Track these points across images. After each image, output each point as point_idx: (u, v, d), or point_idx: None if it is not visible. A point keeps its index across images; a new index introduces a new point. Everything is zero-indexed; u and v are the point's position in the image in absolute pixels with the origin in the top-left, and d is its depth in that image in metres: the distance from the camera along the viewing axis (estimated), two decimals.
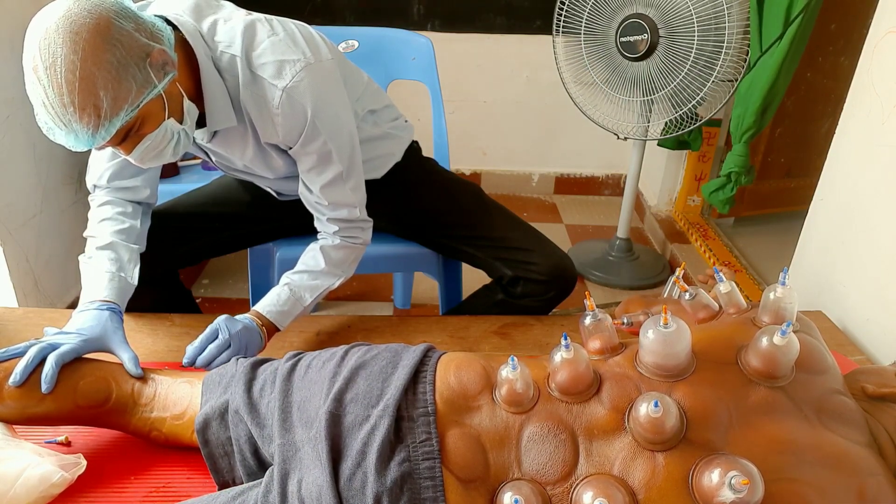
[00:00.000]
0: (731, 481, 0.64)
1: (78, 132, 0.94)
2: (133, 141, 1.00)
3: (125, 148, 1.01)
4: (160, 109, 1.00)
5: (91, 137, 0.94)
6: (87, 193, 2.04)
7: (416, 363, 0.83)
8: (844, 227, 1.47)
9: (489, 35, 2.87)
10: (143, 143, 1.01)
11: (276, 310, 1.19)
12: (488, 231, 1.43)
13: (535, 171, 3.19)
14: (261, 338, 1.15)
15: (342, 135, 1.19)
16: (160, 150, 1.04)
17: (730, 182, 2.04)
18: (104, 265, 1.15)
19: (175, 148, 1.05)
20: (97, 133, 0.94)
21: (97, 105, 0.91)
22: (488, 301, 1.47)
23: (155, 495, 0.93)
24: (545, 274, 1.37)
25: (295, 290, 1.22)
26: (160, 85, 0.97)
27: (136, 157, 1.03)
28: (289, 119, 1.11)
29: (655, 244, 2.79)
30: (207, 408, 0.91)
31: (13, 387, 0.92)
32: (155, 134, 1.01)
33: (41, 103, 0.94)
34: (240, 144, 1.19)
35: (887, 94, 1.33)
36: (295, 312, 1.22)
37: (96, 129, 0.93)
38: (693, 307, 0.93)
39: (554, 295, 1.39)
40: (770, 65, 1.84)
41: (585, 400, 0.77)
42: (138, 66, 0.94)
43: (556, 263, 1.38)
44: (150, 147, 1.02)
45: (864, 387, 0.82)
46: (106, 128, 0.94)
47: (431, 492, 0.73)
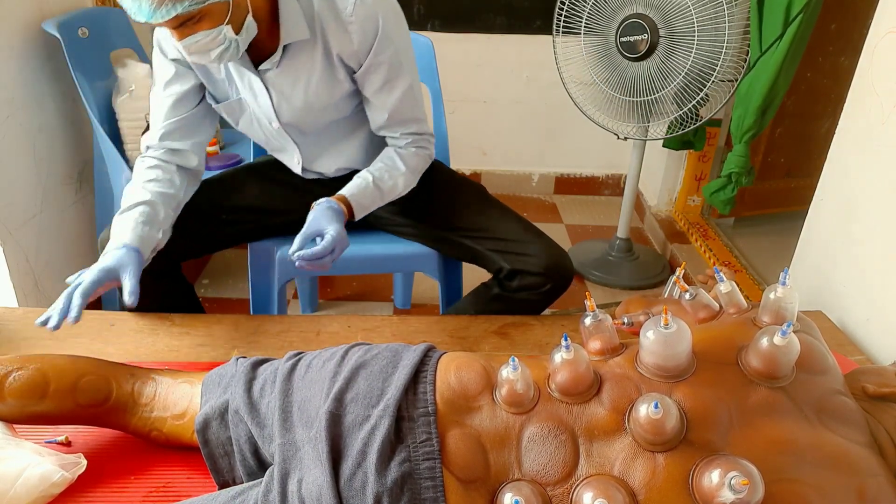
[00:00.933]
0: (731, 482, 0.64)
1: (143, 2, 1.03)
2: (187, 30, 1.10)
3: (179, 33, 1.10)
4: (222, 14, 1.10)
5: (151, 12, 1.03)
6: (87, 193, 2.05)
7: (416, 363, 0.83)
8: (844, 227, 1.47)
9: (489, 35, 2.87)
10: (196, 36, 1.10)
11: (357, 201, 1.30)
12: (485, 223, 1.44)
13: (535, 171, 3.19)
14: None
15: (408, 46, 1.33)
16: (208, 49, 1.14)
17: (730, 183, 2.04)
18: (135, 217, 1.20)
19: (222, 54, 1.15)
20: (158, 10, 1.03)
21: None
22: (485, 296, 1.47)
23: (155, 495, 0.93)
24: (541, 266, 1.37)
25: (378, 184, 1.32)
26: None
27: (183, 45, 1.12)
28: (362, 26, 1.22)
29: (655, 244, 2.79)
30: (207, 408, 0.91)
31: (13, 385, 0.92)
32: (208, 33, 1.10)
33: None
34: (307, 64, 1.27)
35: (887, 94, 1.33)
36: (371, 208, 1.33)
37: (159, 6, 1.03)
38: (693, 307, 0.92)
39: (550, 288, 1.39)
40: (770, 65, 1.84)
41: (586, 400, 0.77)
42: None
43: (552, 256, 1.39)
44: (200, 43, 1.11)
45: (865, 387, 0.82)
46: (167, 9, 1.03)
47: (432, 492, 0.73)
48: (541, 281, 1.38)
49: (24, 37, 1.71)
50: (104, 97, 1.86)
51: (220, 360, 1.21)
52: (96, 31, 1.86)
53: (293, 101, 1.33)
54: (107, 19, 1.97)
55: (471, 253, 1.46)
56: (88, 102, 1.78)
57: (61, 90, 1.87)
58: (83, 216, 2.02)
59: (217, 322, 1.35)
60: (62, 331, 1.29)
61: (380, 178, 1.33)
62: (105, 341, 1.28)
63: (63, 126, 1.91)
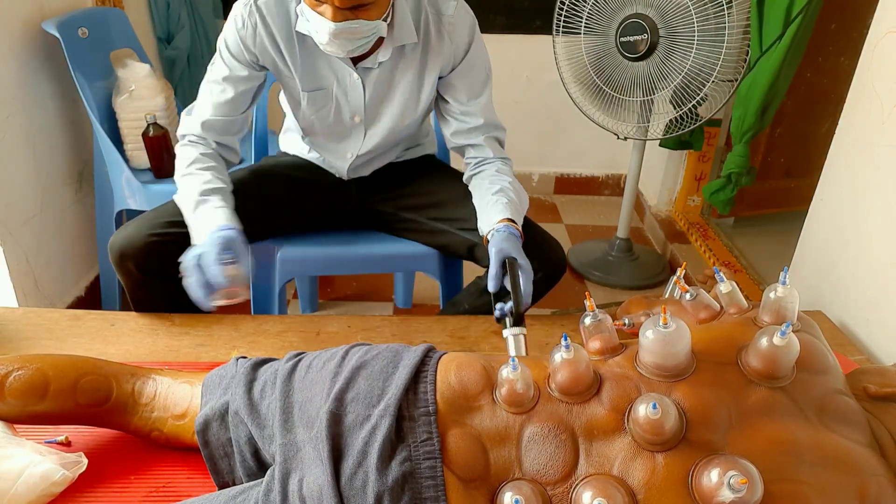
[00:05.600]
0: (730, 481, 0.64)
1: None
2: (350, 15, 1.11)
3: (339, 15, 1.11)
4: (385, 8, 1.15)
5: None
6: (87, 193, 2.05)
7: (416, 363, 0.83)
8: (844, 227, 1.47)
9: (489, 35, 2.85)
10: (355, 22, 1.12)
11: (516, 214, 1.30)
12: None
13: (535, 171, 3.19)
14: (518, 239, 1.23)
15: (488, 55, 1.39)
16: (356, 38, 1.15)
17: (730, 183, 2.04)
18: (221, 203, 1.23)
19: (360, 47, 1.18)
20: None
21: None
22: (479, 288, 1.48)
23: (155, 495, 0.93)
24: (532, 255, 1.37)
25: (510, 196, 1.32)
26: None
27: (338, 27, 1.12)
28: (460, 27, 1.29)
29: (655, 244, 2.79)
30: (207, 409, 0.91)
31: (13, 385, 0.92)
32: (368, 23, 1.13)
33: None
34: (405, 67, 1.32)
35: (887, 94, 1.33)
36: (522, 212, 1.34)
37: None
38: (694, 307, 0.92)
39: (542, 277, 1.38)
40: (770, 65, 1.84)
41: (585, 400, 0.77)
42: None
43: (542, 245, 1.40)
44: (356, 30, 1.13)
45: (866, 387, 0.82)
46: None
47: (433, 491, 0.73)
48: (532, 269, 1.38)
49: (24, 37, 1.71)
50: (104, 97, 1.87)
51: (220, 360, 1.21)
52: (96, 31, 1.87)
53: (384, 100, 1.36)
54: (107, 19, 1.97)
55: (467, 244, 1.46)
56: (88, 102, 1.78)
57: (61, 90, 1.87)
58: (83, 216, 2.02)
59: (217, 322, 1.35)
60: (62, 331, 1.30)
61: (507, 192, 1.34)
62: (105, 341, 1.28)
63: (63, 126, 1.91)
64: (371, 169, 1.53)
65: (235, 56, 1.29)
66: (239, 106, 1.33)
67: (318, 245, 1.56)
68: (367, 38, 1.16)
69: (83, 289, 2.03)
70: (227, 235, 1.14)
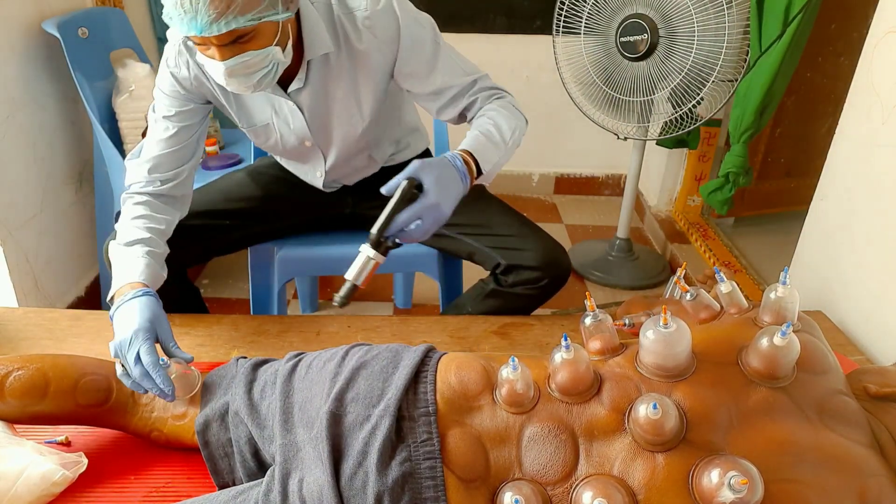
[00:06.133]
0: (731, 481, 0.64)
1: (199, 14, 0.98)
2: (235, 49, 1.06)
3: (224, 53, 1.06)
4: (272, 35, 1.07)
5: (208, 25, 0.99)
6: (87, 193, 2.05)
7: (416, 363, 0.83)
8: (844, 227, 1.47)
9: (489, 35, 2.86)
10: (243, 56, 1.06)
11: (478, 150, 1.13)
12: (483, 219, 1.45)
13: (535, 171, 3.19)
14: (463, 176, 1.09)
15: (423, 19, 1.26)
16: (252, 71, 1.09)
17: (728, 183, 2.04)
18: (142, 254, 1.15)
19: (262, 79, 1.12)
20: (216, 22, 0.99)
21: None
22: (482, 292, 1.47)
23: (155, 495, 0.93)
24: (537, 261, 1.37)
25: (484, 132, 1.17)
26: (282, 15, 1.05)
27: (229, 66, 1.07)
28: (380, 18, 1.20)
29: (655, 244, 2.79)
30: (208, 409, 0.91)
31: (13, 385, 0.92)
32: (258, 53, 1.07)
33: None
34: (335, 75, 1.25)
35: (887, 94, 1.33)
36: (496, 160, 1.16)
37: (217, 19, 0.98)
38: (694, 307, 0.92)
39: (547, 283, 1.38)
40: (768, 65, 1.84)
41: (586, 400, 0.77)
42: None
43: (547, 250, 1.39)
44: (247, 63, 1.07)
45: (867, 387, 0.82)
46: (227, 21, 0.99)
47: (432, 491, 0.73)
48: (537, 276, 1.38)
49: (24, 37, 1.71)
50: (104, 97, 1.86)
51: (220, 360, 1.21)
52: (96, 31, 1.86)
53: (326, 117, 1.32)
54: (107, 19, 1.97)
55: (468, 249, 1.46)
56: (88, 102, 1.78)
57: (61, 90, 1.87)
58: (83, 216, 2.02)
59: (217, 322, 1.35)
60: (62, 331, 1.30)
61: (483, 126, 1.18)
62: (105, 341, 1.26)
63: (63, 126, 1.91)
64: (356, 179, 1.49)
65: (171, 95, 1.26)
66: (184, 138, 1.28)
67: (317, 245, 1.56)
68: (266, 67, 1.10)
69: (83, 289, 2.03)
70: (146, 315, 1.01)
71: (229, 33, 1.01)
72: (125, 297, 1.05)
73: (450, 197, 1.06)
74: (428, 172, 1.04)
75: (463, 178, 1.09)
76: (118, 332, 1.00)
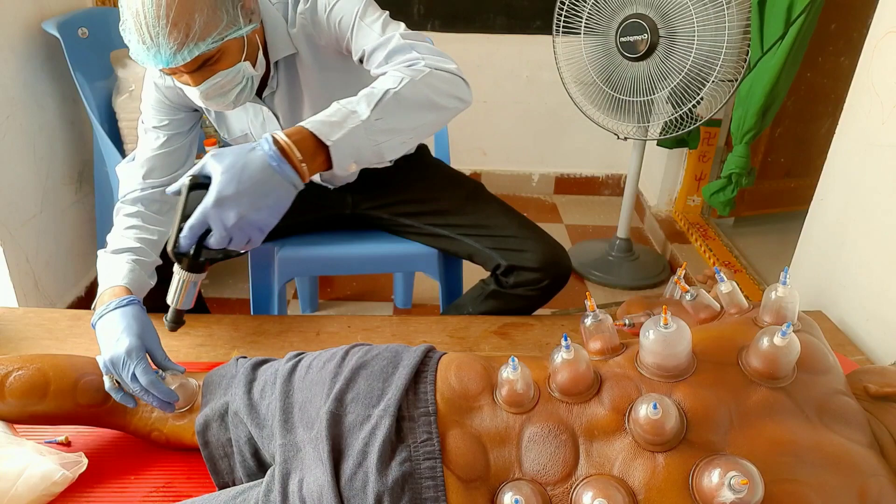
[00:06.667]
0: (731, 482, 0.64)
1: (162, 47, 0.97)
2: (205, 73, 1.05)
3: (195, 78, 1.05)
4: (239, 51, 1.07)
5: (172, 56, 0.98)
6: (87, 193, 2.05)
7: (416, 363, 0.83)
8: (844, 227, 1.47)
9: (489, 35, 2.87)
10: (215, 78, 1.06)
11: (319, 119, 0.93)
12: (483, 220, 1.44)
13: (535, 171, 3.19)
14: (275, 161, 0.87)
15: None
16: (227, 90, 1.09)
17: (730, 184, 2.04)
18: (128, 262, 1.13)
19: (239, 94, 1.11)
20: (180, 52, 0.98)
21: (189, 24, 0.96)
22: (483, 293, 1.48)
23: (155, 495, 0.93)
24: (538, 262, 1.37)
25: (344, 103, 0.96)
26: (245, 28, 1.04)
27: (203, 90, 1.07)
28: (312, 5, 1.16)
29: (655, 244, 2.79)
30: (207, 409, 0.91)
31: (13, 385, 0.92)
32: (228, 72, 1.07)
33: (134, 12, 0.97)
34: (303, 73, 1.23)
35: (887, 94, 1.33)
36: (349, 125, 0.92)
37: (180, 48, 0.98)
38: (695, 308, 0.92)
39: (548, 284, 1.38)
40: (771, 66, 1.84)
41: (586, 400, 0.77)
42: (232, 3, 1.02)
43: (548, 251, 1.38)
44: (220, 83, 1.07)
45: (867, 386, 0.82)
46: (190, 49, 0.98)
47: (433, 491, 0.73)
48: (538, 277, 1.38)
49: (24, 37, 1.71)
50: (104, 97, 1.86)
51: (220, 360, 1.21)
52: (96, 31, 1.86)
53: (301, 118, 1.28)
54: (107, 19, 1.97)
55: (468, 250, 1.46)
56: (88, 102, 1.78)
57: (61, 90, 1.87)
58: (83, 216, 2.02)
59: (217, 322, 1.35)
60: (62, 331, 1.30)
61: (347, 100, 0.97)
62: None
63: (63, 126, 1.91)
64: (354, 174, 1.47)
65: (157, 107, 1.25)
66: (175, 143, 1.27)
67: (317, 245, 1.56)
68: (240, 83, 1.10)
69: (83, 289, 2.03)
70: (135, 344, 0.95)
71: (195, 60, 1.01)
72: (108, 305, 1.02)
73: (248, 193, 0.85)
74: (214, 165, 0.86)
75: (276, 164, 0.87)
76: (106, 347, 0.96)
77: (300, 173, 0.90)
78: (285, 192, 0.90)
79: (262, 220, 0.89)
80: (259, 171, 0.87)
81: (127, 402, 0.95)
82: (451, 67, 1.05)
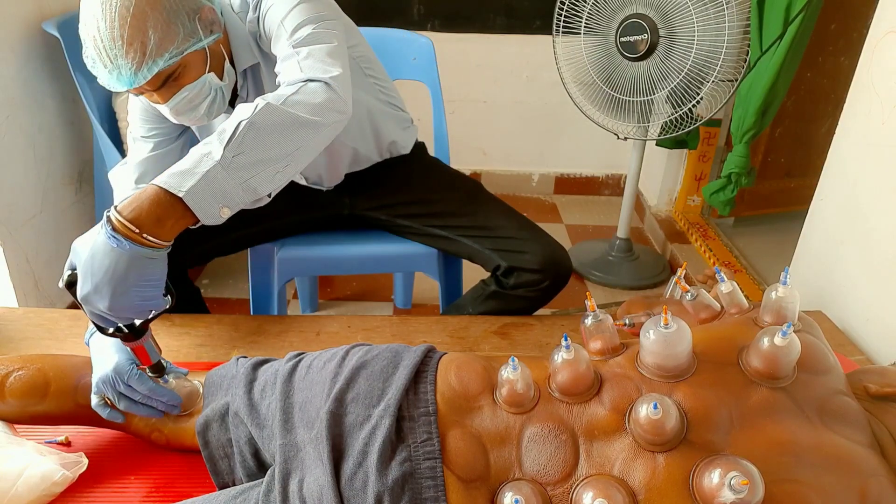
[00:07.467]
0: (731, 482, 0.64)
1: (122, 68, 0.97)
2: (171, 89, 1.05)
3: (163, 95, 1.05)
4: (202, 63, 1.05)
5: (133, 75, 0.98)
6: (87, 193, 2.05)
7: (417, 363, 0.83)
8: (844, 227, 1.47)
9: (489, 35, 2.87)
10: (182, 93, 1.05)
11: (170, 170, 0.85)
12: (483, 221, 1.44)
13: (535, 171, 3.19)
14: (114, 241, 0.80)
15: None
16: (196, 104, 1.08)
17: (730, 183, 2.04)
18: None
19: (209, 107, 1.10)
20: (139, 71, 0.98)
21: (144, 42, 0.96)
22: (483, 294, 1.48)
23: (155, 495, 0.93)
24: (538, 263, 1.37)
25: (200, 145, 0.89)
26: (206, 40, 1.03)
27: (171, 106, 1.06)
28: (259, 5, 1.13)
29: (655, 244, 2.79)
30: (208, 410, 0.91)
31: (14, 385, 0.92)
32: (193, 86, 1.05)
33: (92, 37, 0.97)
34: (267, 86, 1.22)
35: (887, 94, 1.33)
36: (202, 169, 0.84)
37: (139, 67, 0.97)
38: (695, 307, 0.92)
39: (548, 285, 1.38)
40: (770, 65, 1.84)
41: (586, 401, 0.77)
42: (188, 16, 1.00)
43: (548, 252, 1.38)
44: (187, 98, 1.06)
45: (867, 387, 0.82)
46: (149, 66, 0.98)
47: (433, 491, 0.73)
48: (538, 278, 1.38)
49: (24, 37, 1.71)
50: (104, 97, 1.86)
51: (220, 360, 1.21)
52: None
53: None
54: None
55: (467, 251, 1.46)
56: (88, 102, 1.78)
57: (61, 90, 1.87)
58: (83, 216, 2.02)
59: (217, 322, 1.35)
60: (62, 331, 1.30)
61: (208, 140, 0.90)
62: None
63: (63, 126, 1.91)
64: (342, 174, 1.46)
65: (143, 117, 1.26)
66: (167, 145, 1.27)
67: (317, 245, 1.56)
68: (209, 95, 1.09)
69: None
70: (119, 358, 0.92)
71: (157, 76, 1.00)
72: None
73: (105, 283, 0.81)
74: (77, 256, 0.84)
75: (117, 244, 0.80)
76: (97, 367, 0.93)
77: (154, 241, 0.82)
78: (143, 265, 0.82)
79: (134, 299, 0.83)
80: (106, 258, 0.81)
81: (115, 417, 0.94)
82: (327, 77, 0.97)
